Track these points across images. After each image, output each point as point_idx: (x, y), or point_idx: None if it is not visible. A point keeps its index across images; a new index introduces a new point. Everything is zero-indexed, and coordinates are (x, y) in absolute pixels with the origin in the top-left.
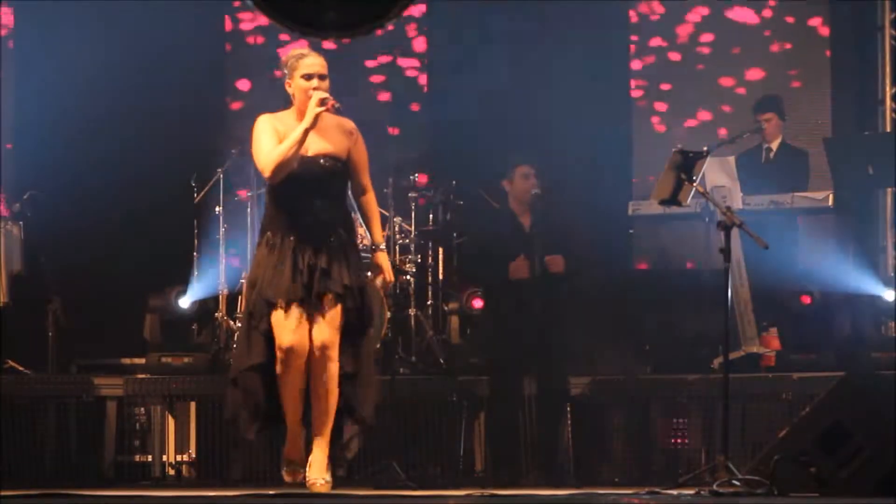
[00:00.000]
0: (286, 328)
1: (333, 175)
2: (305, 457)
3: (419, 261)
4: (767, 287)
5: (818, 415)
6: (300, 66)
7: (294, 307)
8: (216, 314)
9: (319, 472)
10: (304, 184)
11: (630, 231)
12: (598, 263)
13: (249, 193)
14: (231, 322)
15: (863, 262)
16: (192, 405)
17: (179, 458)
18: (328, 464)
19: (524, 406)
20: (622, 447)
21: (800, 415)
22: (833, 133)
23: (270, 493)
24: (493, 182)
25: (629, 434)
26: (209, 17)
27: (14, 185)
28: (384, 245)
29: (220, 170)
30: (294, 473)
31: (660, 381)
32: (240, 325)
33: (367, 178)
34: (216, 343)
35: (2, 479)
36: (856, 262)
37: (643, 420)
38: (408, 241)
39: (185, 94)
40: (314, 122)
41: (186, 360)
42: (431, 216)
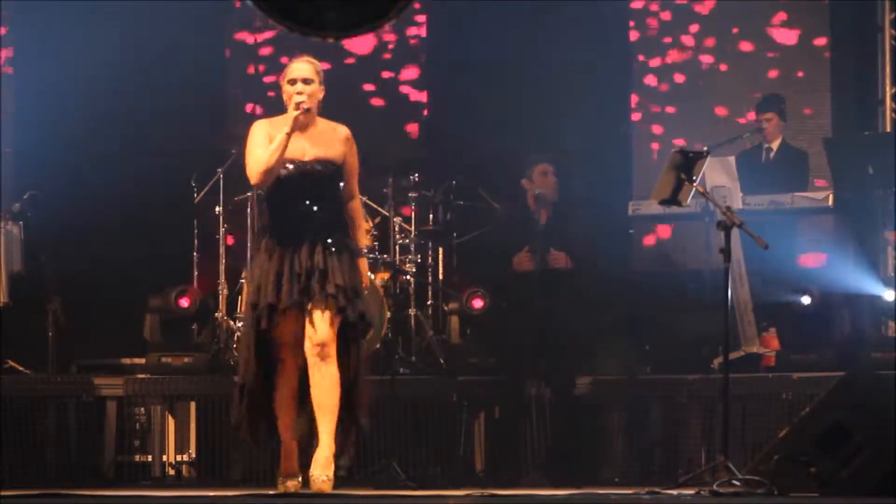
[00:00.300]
0: (284, 332)
1: (329, 179)
2: (299, 469)
3: (419, 261)
4: (767, 287)
5: (818, 415)
6: (287, 72)
7: (292, 309)
8: (216, 314)
9: (322, 470)
10: (301, 188)
11: (630, 231)
12: (598, 263)
13: (248, 193)
14: (231, 322)
15: (863, 262)
16: (192, 405)
17: (179, 458)
18: (331, 461)
19: (530, 406)
20: (622, 447)
21: (800, 415)
22: (833, 133)
23: (270, 493)
24: (494, 182)
25: (629, 434)
26: (210, 17)
27: (14, 185)
28: (365, 251)
29: (220, 170)
30: (290, 485)
31: (660, 381)
32: (240, 326)
33: (356, 185)
34: (216, 343)
35: (2, 479)
36: (856, 262)
37: (643, 420)
38: (408, 241)
39: (185, 94)
40: (293, 127)
41: (186, 360)
42: (431, 216)
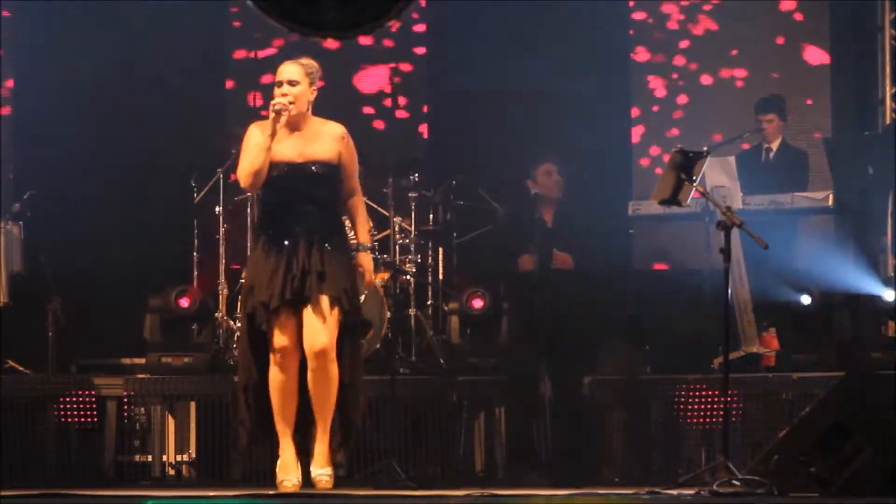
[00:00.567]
0: (280, 332)
1: (324, 180)
2: (298, 470)
3: (419, 261)
4: (767, 287)
5: (818, 415)
6: (276, 74)
7: (288, 310)
8: (216, 314)
9: (322, 467)
10: (296, 189)
11: (630, 231)
12: (598, 264)
13: (248, 193)
14: (231, 322)
15: (863, 262)
16: (192, 405)
17: (179, 458)
18: (330, 459)
19: (542, 406)
20: (622, 447)
21: (800, 415)
22: (833, 133)
23: (270, 493)
24: (494, 182)
25: (629, 434)
26: (210, 18)
27: (14, 185)
28: (369, 246)
29: (220, 170)
30: (289, 485)
31: (660, 381)
32: (240, 326)
33: (356, 182)
34: (216, 343)
35: (2, 479)
36: (856, 262)
37: (643, 420)
38: (408, 241)
39: (186, 95)
40: (273, 130)
41: (186, 360)
42: (431, 216)
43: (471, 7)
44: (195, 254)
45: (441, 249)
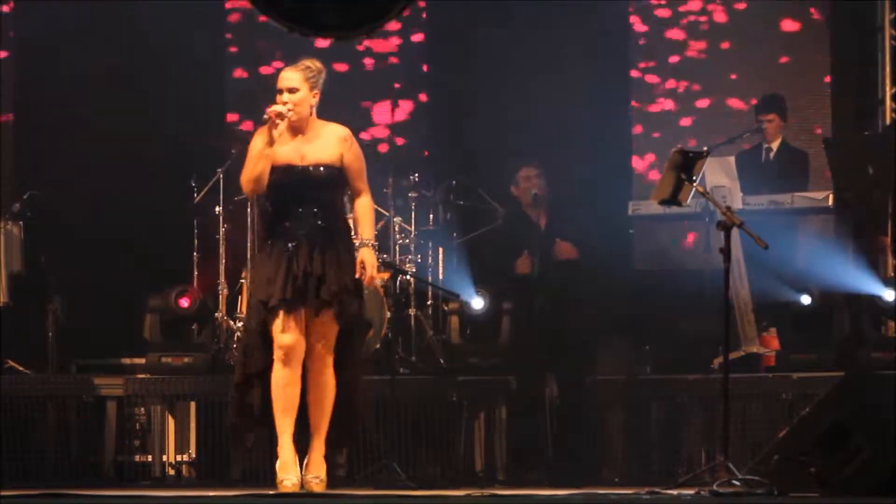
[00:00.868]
0: (282, 332)
1: (327, 182)
2: (298, 469)
3: (419, 261)
4: (767, 287)
5: (818, 415)
6: (277, 81)
7: (290, 312)
8: (216, 314)
9: (315, 471)
10: (299, 192)
11: (630, 231)
12: (598, 264)
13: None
14: (231, 322)
15: (863, 262)
16: (192, 405)
17: (179, 458)
18: (324, 463)
19: (544, 405)
20: (622, 447)
21: (800, 415)
22: (833, 133)
23: (270, 493)
24: (494, 182)
25: (629, 434)
26: (210, 17)
27: (14, 185)
28: (373, 242)
29: (220, 170)
30: (288, 484)
31: (660, 381)
32: (240, 326)
33: (363, 183)
34: (216, 343)
35: (2, 479)
36: (856, 262)
37: (643, 420)
38: (408, 242)
39: (185, 94)
40: (270, 137)
41: (186, 360)
42: (431, 216)
43: (471, 7)
44: (195, 254)
45: (441, 249)
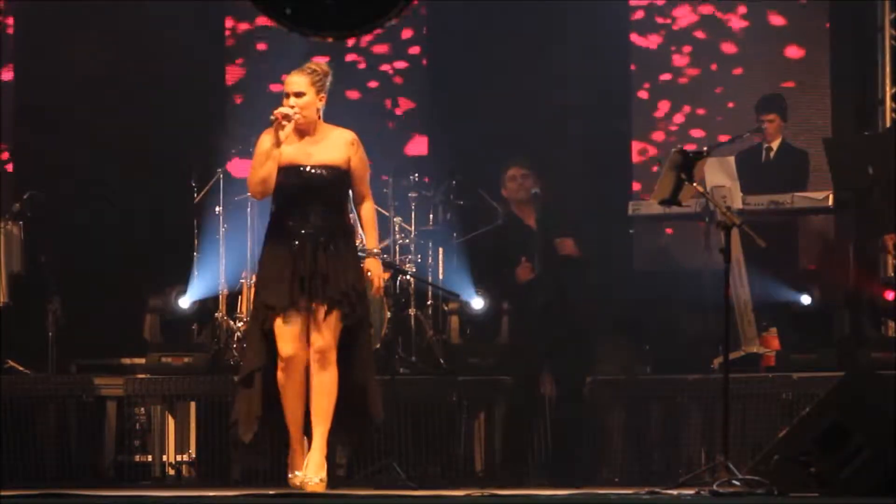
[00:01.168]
0: (287, 335)
1: (333, 185)
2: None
3: (419, 261)
4: (767, 287)
5: (818, 415)
6: (284, 85)
7: (294, 313)
8: (216, 314)
9: (314, 472)
10: (305, 193)
11: (630, 231)
12: (597, 264)
13: (248, 194)
14: (231, 322)
15: (863, 262)
16: (192, 405)
17: (179, 458)
18: (324, 463)
19: (542, 405)
20: (622, 447)
21: (800, 415)
22: (833, 133)
23: (270, 493)
24: (493, 182)
25: (629, 434)
26: (210, 17)
27: (14, 185)
28: (377, 251)
29: (220, 170)
30: (297, 483)
31: (660, 381)
32: (240, 326)
33: (367, 187)
34: (216, 343)
35: (2, 479)
36: (856, 263)
37: (643, 420)
38: (408, 242)
39: (185, 94)
40: (276, 140)
41: (186, 360)
42: (431, 216)
43: (471, 7)
44: (195, 254)
45: (441, 249)
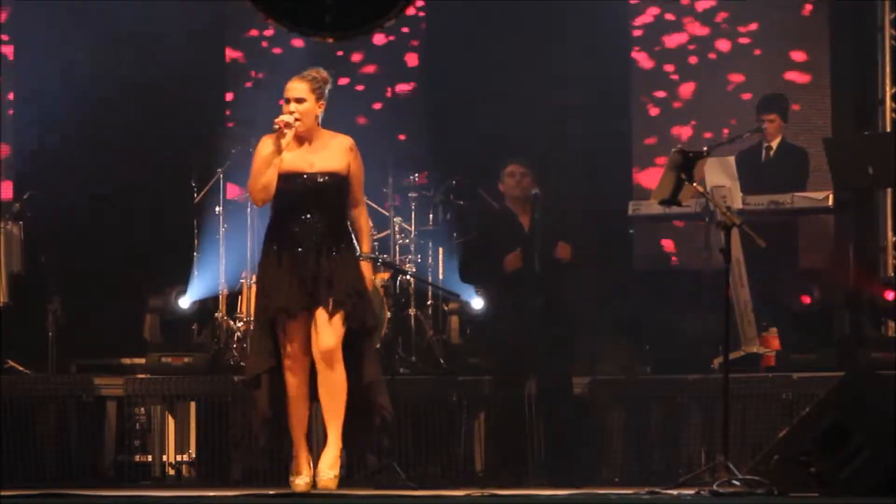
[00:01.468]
0: (292, 335)
1: (334, 191)
2: (311, 470)
3: (419, 261)
4: (767, 287)
5: (818, 415)
6: (284, 91)
7: (299, 315)
8: (216, 314)
9: (329, 466)
10: (306, 198)
11: (630, 231)
12: (598, 264)
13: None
14: (231, 322)
15: (863, 262)
16: (192, 405)
17: (179, 458)
18: (338, 460)
19: (528, 405)
20: (622, 447)
21: (800, 415)
22: (833, 133)
23: (270, 493)
24: (493, 182)
25: (629, 434)
26: (210, 17)
27: (14, 185)
28: (369, 255)
29: (220, 170)
30: (301, 483)
31: (660, 381)
32: (240, 326)
33: (361, 192)
34: (216, 343)
35: (2, 479)
36: (856, 262)
37: (643, 420)
38: (408, 242)
39: (186, 94)
40: (278, 147)
41: (186, 360)
42: (431, 216)
43: (471, 7)
44: (195, 254)
45: (441, 249)
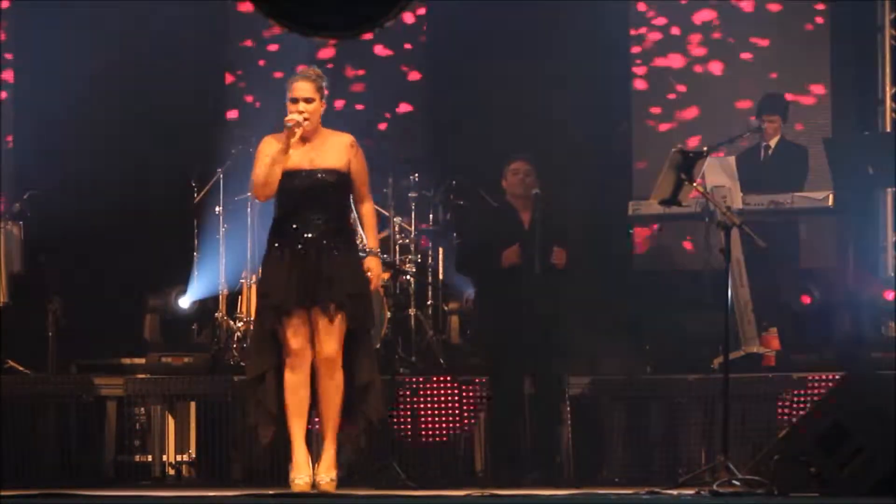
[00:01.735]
0: (294, 332)
1: (334, 188)
2: (310, 469)
3: (419, 261)
4: (767, 287)
5: (818, 415)
6: (290, 90)
7: (300, 314)
8: (216, 314)
9: (326, 471)
10: (307, 197)
11: (630, 231)
12: (598, 264)
13: (248, 194)
14: (231, 322)
15: (863, 262)
16: (192, 405)
17: (179, 458)
18: (335, 463)
19: (524, 405)
20: (622, 447)
21: (800, 415)
22: (833, 133)
23: (270, 493)
24: (493, 181)
25: (629, 434)
26: (210, 17)
27: (14, 185)
28: (377, 250)
29: (220, 170)
30: (301, 483)
31: (660, 381)
32: (240, 326)
33: (366, 189)
34: (216, 343)
35: (2, 479)
36: (856, 262)
37: (643, 420)
38: (408, 241)
39: (186, 94)
40: (287, 145)
41: (186, 360)
42: (431, 216)
43: (470, 7)
44: (195, 254)
45: (441, 249)
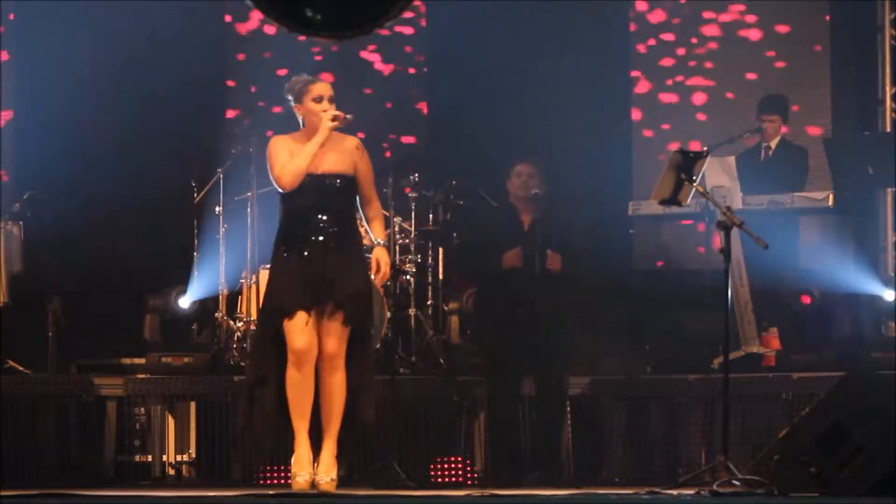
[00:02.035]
0: (297, 330)
1: (340, 190)
2: (312, 466)
3: (419, 261)
4: (767, 287)
5: (818, 415)
6: (310, 91)
7: (303, 314)
8: (216, 314)
9: (326, 471)
10: (313, 199)
11: (630, 231)
12: (598, 264)
13: (249, 194)
14: (231, 322)
15: (863, 262)
16: (192, 405)
17: (179, 458)
18: (335, 463)
19: (523, 405)
20: (622, 447)
21: (800, 415)
22: (833, 133)
23: (270, 493)
24: (494, 182)
25: (629, 434)
26: (210, 17)
27: (14, 185)
28: (385, 242)
29: (220, 170)
30: (302, 482)
31: (660, 381)
32: (240, 326)
33: (372, 190)
34: (216, 343)
35: (2, 479)
36: (856, 262)
37: (643, 420)
38: (408, 241)
39: (185, 95)
40: (325, 138)
41: (186, 360)
42: (431, 216)
43: (471, 7)
44: (195, 254)
45: (441, 249)
